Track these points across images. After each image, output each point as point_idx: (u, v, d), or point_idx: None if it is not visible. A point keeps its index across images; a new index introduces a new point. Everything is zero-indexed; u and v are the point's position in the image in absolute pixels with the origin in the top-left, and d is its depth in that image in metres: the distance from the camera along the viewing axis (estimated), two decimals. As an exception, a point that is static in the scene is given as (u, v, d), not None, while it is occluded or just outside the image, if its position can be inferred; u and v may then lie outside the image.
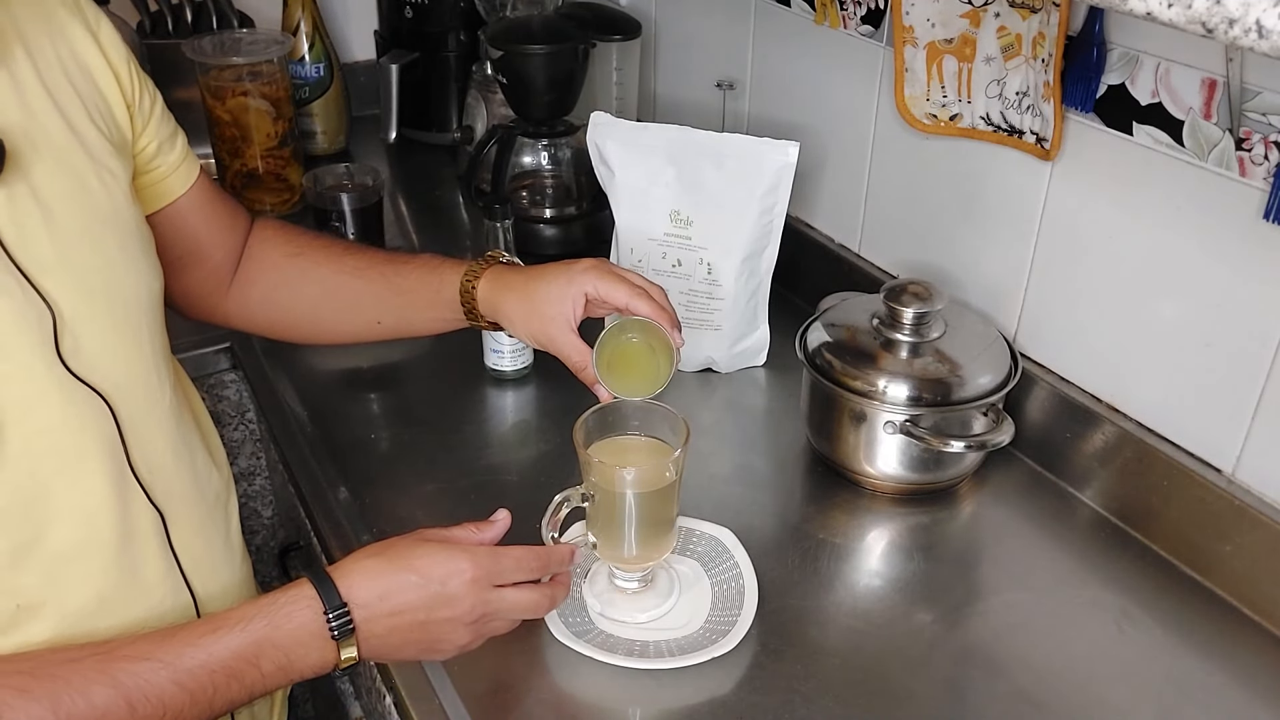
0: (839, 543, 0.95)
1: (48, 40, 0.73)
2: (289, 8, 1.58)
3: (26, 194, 0.67)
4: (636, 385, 0.87)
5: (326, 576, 0.72)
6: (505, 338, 1.12)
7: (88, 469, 0.70)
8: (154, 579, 0.75)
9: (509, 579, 0.76)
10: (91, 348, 0.70)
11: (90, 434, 0.70)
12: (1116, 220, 0.94)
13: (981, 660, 0.83)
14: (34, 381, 0.67)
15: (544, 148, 1.42)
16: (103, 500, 0.71)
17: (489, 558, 0.75)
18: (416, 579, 0.73)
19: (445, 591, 0.73)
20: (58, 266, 0.68)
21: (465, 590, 0.73)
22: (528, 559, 0.77)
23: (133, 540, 0.73)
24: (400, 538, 0.76)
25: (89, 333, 0.70)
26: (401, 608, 0.72)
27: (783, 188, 1.09)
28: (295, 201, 1.49)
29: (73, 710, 0.63)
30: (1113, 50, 0.90)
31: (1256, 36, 0.42)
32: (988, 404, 0.96)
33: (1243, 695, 0.81)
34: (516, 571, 0.76)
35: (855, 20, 1.15)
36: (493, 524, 0.79)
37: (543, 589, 0.78)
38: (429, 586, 0.73)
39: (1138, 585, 0.91)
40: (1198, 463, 0.92)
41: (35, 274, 0.66)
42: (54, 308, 0.67)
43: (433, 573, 0.73)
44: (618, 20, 1.47)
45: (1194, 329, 0.90)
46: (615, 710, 0.79)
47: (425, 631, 0.74)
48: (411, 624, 0.73)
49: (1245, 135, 0.81)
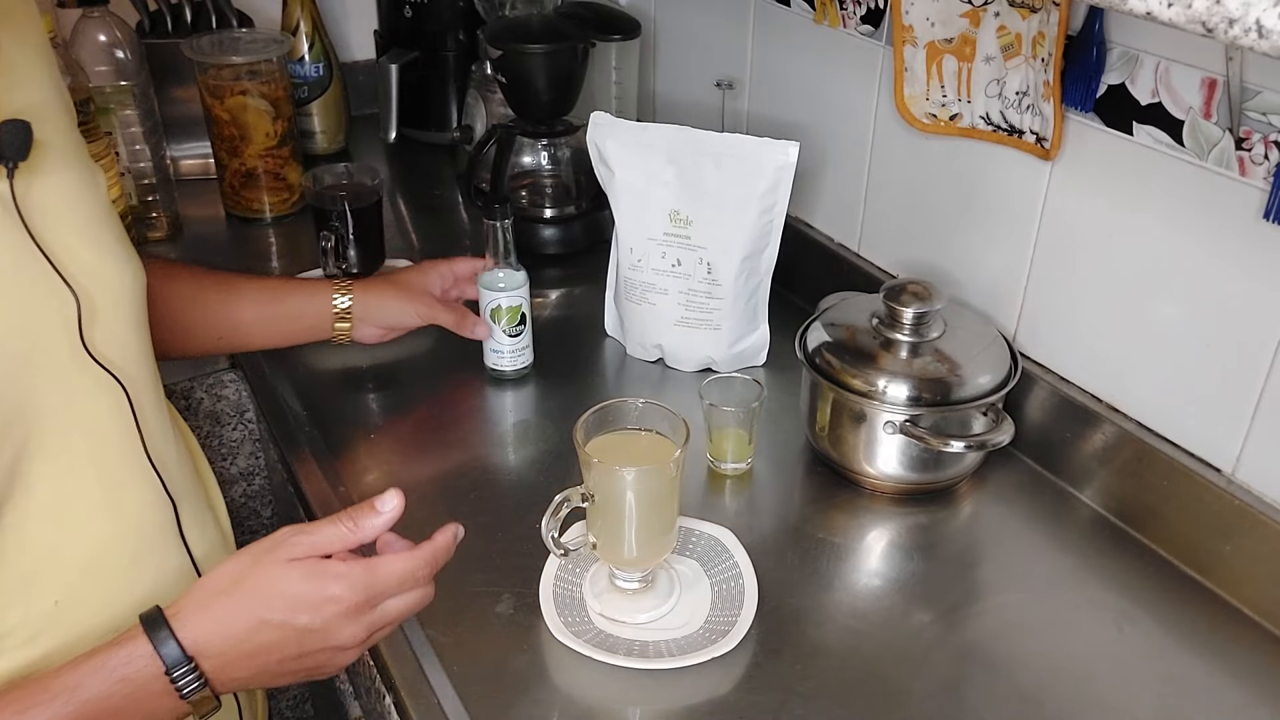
0: (839, 543, 0.95)
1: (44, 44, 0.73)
2: (288, 7, 1.58)
3: (47, 182, 0.68)
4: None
5: (165, 626, 0.63)
6: (505, 337, 1.13)
7: (114, 455, 0.71)
8: (173, 572, 0.75)
9: (392, 595, 0.68)
10: (108, 334, 0.70)
11: (113, 420, 0.71)
12: (1116, 220, 0.94)
13: (981, 660, 0.83)
14: (64, 368, 0.67)
15: (544, 147, 1.42)
16: (128, 487, 0.72)
17: (366, 577, 0.66)
18: (278, 618, 0.64)
19: (315, 625, 0.65)
20: (75, 254, 0.69)
21: (339, 621, 0.66)
22: (414, 570, 0.69)
23: (154, 530, 0.74)
24: (258, 555, 0.67)
25: (106, 319, 0.70)
26: (259, 649, 0.65)
27: (782, 187, 1.09)
28: (294, 201, 1.49)
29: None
30: (1113, 50, 0.90)
31: (1256, 36, 0.42)
32: (987, 404, 0.96)
33: (1243, 695, 0.81)
34: (400, 585, 0.68)
35: (855, 20, 1.15)
36: (378, 514, 0.68)
37: (428, 583, 0.71)
38: (294, 622, 0.65)
39: (1137, 585, 0.91)
40: (1198, 463, 0.91)
41: (62, 260, 0.67)
42: (79, 294, 0.68)
43: (297, 608, 0.65)
44: (617, 20, 1.47)
45: (1194, 329, 0.90)
46: (615, 710, 0.79)
47: (301, 663, 0.67)
48: (281, 659, 0.66)
49: (1245, 135, 0.81)
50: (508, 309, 1.12)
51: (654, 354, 1.19)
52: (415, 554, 0.69)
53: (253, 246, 1.45)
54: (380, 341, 1.12)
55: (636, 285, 1.16)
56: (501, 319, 1.12)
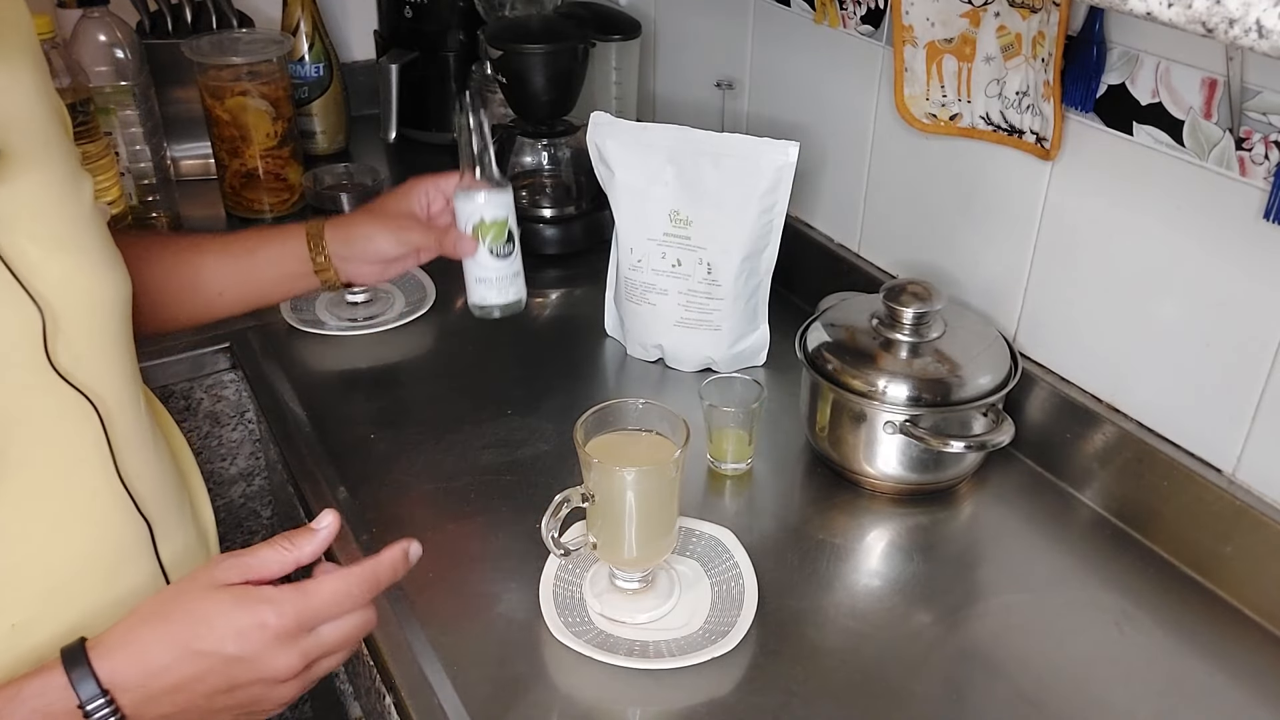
0: (839, 543, 0.95)
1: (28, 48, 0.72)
2: (288, 7, 1.58)
3: (17, 192, 0.66)
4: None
5: (83, 657, 0.61)
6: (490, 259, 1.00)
7: (80, 475, 0.69)
8: (143, 592, 0.73)
9: (327, 618, 0.64)
10: (79, 350, 0.69)
11: (81, 439, 0.69)
12: (1116, 220, 0.94)
13: (981, 661, 0.83)
14: (25, 384, 0.65)
15: (544, 147, 1.42)
16: (95, 508, 0.70)
17: (297, 601, 0.63)
18: (204, 646, 0.61)
19: (243, 654, 0.61)
20: (46, 267, 0.67)
21: (270, 649, 0.62)
22: (349, 589, 0.65)
23: (124, 552, 0.72)
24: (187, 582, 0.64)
25: (77, 335, 0.68)
26: (184, 682, 0.61)
27: (782, 187, 1.09)
28: (295, 201, 1.49)
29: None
30: (1113, 50, 0.90)
31: (1256, 36, 0.42)
32: (987, 404, 0.96)
33: (1243, 695, 0.81)
34: (336, 607, 0.64)
35: (855, 20, 1.15)
36: (313, 533, 0.66)
37: (367, 607, 0.66)
38: (221, 651, 0.61)
39: (1138, 585, 0.91)
40: (1198, 463, 0.91)
41: (24, 273, 0.65)
42: (43, 308, 0.66)
43: (223, 635, 0.61)
44: (617, 20, 1.47)
45: (1194, 329, 0.90)
46: (615, 710, 0.79)
47: (233, 697, 0.63)
48: (209, 693, 0.62)
49: (1245, 135, 0.81)
50: (492, 223, 0.97)
51: (654, 354, 1.19)
52: (349, 572, 0.65)
53: (253, 247, 1.45)
54: (382, 280, 1.05)
55: (636, 285, 1.16)
56: (486, 235, 0.98)
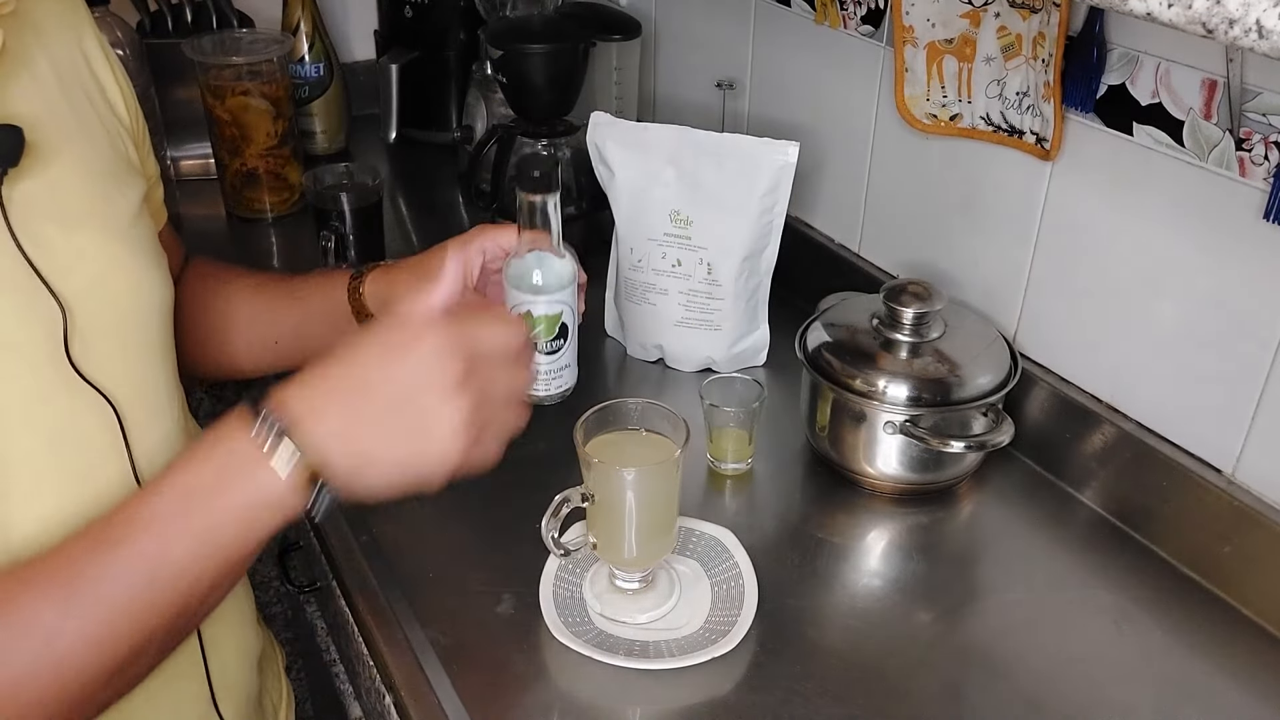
0: (839, 543, 0.95)
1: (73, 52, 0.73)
2: (289, 7, 1.58)
3: (44, 190, 0.66)
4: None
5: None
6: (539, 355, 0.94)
7: (93, 475, 0.69)
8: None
9: (486, 345, 0.64)
10: (101, 351, 0.69)
11: (96, 439, 0.69)
12: (1116, 220, 0.94)
13: (981, 660, 0.83)
14: (40, 380, 0.66)
15: (544, 147, 1.42)
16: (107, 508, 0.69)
17: (451, 319, 0.63)
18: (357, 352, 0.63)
19: (411, 362, 0.61)
20: (71, 267, 0.67)
21: (439, 357, 0.61)
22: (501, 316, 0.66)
23: None
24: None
25: (99, 336, 0.69)
26: (354, 387, 0.62)
27: (783, 188, 1.09)
28: (295, 201, 1.49)
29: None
30: (1113, 50, 0.90)
31: (1256, 37, 0.42)
32: (987, 404, 0.96)
33: (1243, 695, 0.81)
34: (491, 335, 0.64)
35: (855, 20, 1.15)
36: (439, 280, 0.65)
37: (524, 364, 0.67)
38: (377, 339, 0.63)
39: (1137, 585, 0.91)
40: (1198, 463, 0.92)
41: (48, 271, 0.66)
42: (65, 307, 0.66)
43: (387, 348, 0.62)
44: (618, 20, 1.47)
45: (1194, 329, 0.90)
46: (615, 710, 0.79)
47: (403, 419, 0.61)
48: (385, 404, 0.61)
49: (1245, 135, 0.81)
50: (543, 318, 0.87)
51: (654, 354, 1.19)
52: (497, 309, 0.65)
53: (253, 246, 1.45)
54: None
55: (637, 285, 1.16)
56: (535, 327, 0.87)
